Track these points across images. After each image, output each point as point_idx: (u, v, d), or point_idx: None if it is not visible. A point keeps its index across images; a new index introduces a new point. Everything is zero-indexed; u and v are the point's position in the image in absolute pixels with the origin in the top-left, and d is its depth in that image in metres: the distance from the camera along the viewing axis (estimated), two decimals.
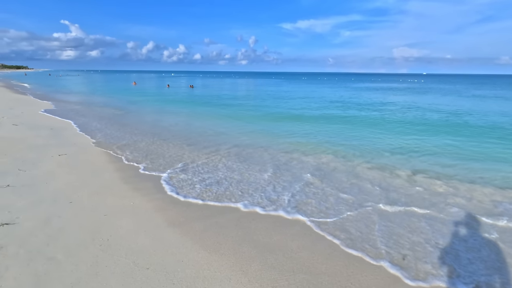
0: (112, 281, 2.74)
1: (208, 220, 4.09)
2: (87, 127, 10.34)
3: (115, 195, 4.69)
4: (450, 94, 32.58)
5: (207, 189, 5.14)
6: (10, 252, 3.02)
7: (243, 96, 26.45)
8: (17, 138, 7.92)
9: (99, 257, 3.09)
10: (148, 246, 3.37)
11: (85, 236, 3.47)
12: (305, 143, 8.98)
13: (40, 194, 4.49)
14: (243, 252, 3.38)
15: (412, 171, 6.36)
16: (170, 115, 14.62)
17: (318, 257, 3.36)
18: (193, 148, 8.00)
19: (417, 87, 48.98)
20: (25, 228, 3.50)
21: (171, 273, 2.93)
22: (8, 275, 2.68)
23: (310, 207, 4.57)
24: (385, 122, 13.35)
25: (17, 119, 11.05)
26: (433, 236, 3.84)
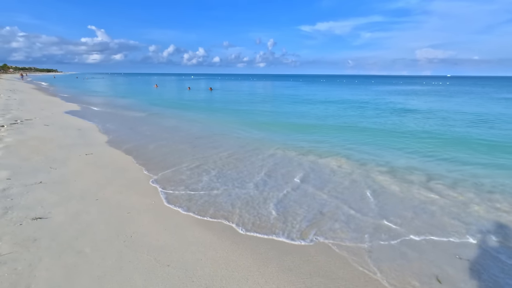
0: (135, 276, 2.86)
1: (227, 218, 4.17)
2: (112, 128, 10.79)
3: (137, 193, 4.88)
4: (479, 97, 31.04)
5: (225, 191, 5.22)
6: (43, 245, 3.23)
7: (260, 101, 26.51)
8: (48, 137, 8.40)
9: (123, 253, 3.24)
10: (169, 243, 3.48)
11: (111, 232, 3.64)
12: (326, 153, 8.90)
13: (69, 191, 4.76)
14: (260, 253, 3.42)
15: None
16: (191, 119, 14.93)
17: (335, 262, 3.34)
18: (215, 151, 8.15)
19: (442, 90, 47.13)
20: (56, 223, 3.73)
21: (191, 271, 3.02)
22: (41, 266, 2.88)
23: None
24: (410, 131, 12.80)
25: (48, 119, 11.70)
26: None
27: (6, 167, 5.52)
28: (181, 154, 7.57)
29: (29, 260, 2.95)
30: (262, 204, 4.74)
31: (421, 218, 4.42)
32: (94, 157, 6.81)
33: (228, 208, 4.54)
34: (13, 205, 4.07)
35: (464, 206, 4.84)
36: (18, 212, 3.88)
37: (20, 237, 3.32)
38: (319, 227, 4.11)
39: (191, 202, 4.70)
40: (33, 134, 8.64)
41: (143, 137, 9.62)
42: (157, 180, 5.59)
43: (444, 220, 4.36)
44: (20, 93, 24.96)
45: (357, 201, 5.00)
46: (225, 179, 5.82)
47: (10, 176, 5.12)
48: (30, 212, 3.92)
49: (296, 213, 4.49)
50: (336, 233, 3.97)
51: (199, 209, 4.45)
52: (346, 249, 3.60)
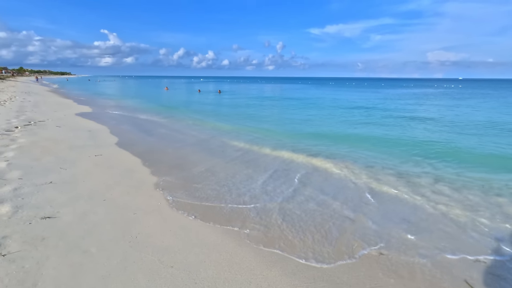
0: (139, 276, 2.89)
1: (230, 223, 4.18)
2: (122, 130, 10.97)
3: (143, 195, 4.94)
4: (494, 100, 30.26)
5: (231, 196, 5.23)
6: (50, 243, 3.29)
7: (268, 105, 26.54)
8: (59, 138, 8.60)
9: (128, 253, 3.27)
10: (173, 245, 3.50)
11: (116, 232, 3.69)
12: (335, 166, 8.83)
13: (78, 191, 4.85)
14: (263, 257, 3.40)
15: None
16: (201, 123, 15.05)
17: (340, 268, 3.29)
18: (219, 156, 8.18)
19: (454, 93, 46.19)
20: (64, 222, 3.80)
21: (194, 272, 3.03)
22: (49, 265, 2.93)
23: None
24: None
25: (60, 121, 11.99)
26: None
27: (18, 167, 5.67)
28: (189, 158, 7.63)
29: (37, 258, 3.01)
30: (267, 209, 4.73)
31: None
32: (103, 158, 6.93)
33: (233, 212, 4.55)
34: (23, 204, 4.18)
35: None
36: (28, 211, 3.98)
37: (29, 236, 3.40)
38: (324, 232, 4.07)
39: (196, 205, 4.72)
40: (45, 135, 8.86)
41: (153, 139, 9.75)
42: (164, 182, 5.64)
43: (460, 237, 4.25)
44: (35, 95, 25.68)
45: (360, 207, 4.94)
46: (231, 184, 5.83)
47: (22, 176, 5.25)
48: (40, 211, 4.01)
49: (301, 218, 4.46)
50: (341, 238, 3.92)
51: (204, 212, 4.47)
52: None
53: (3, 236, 3.33)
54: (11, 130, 9.13)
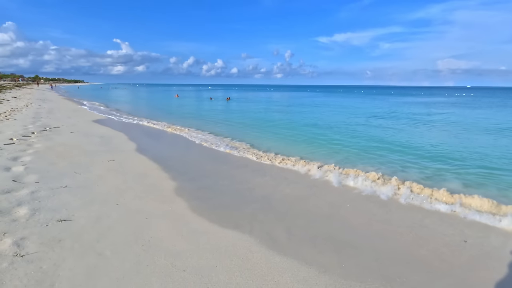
0: (153, 280, 2.92)
1: (241, 227, 4.19)
2: (134, 136, 11.16)
3: (156, 200, 5.00)
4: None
5: (243, 203, 5.25)
6: (66, 246, 3.37)
7: (277, 117, 26.64)
8: (73, 144, 8.82)
9: (141, 257, 3.31)
10: (185, 249, 3.53)
11: (129, 236, 3.75)
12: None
13: (92, 195, 4.95)
14: (275, 263, 3.40)
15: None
16: (211, 129, 15.21)
17: (351, 276, 3.26)
18: (238, 167, 8.24)
19: (467, 102, 45.44)
20: (79, 225, 3.88)
21: (206, 277, 3.04)
22: (65, 266, 3.00)
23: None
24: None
25: (74, 127, 12.30)
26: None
27: (35, 171, 5.83)
28: (201, 166, 7.71)
29: (53, 259, 3.08)
30: (278, 218, 4.73)
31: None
32: (115, 163, 7.07)
33: (245, 219, 4.56)
34: (40, 207, 4.29)
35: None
36: (45, 214, 4.08)
37: (46, 238, 3.48)
38: (331, 238, 4.04)
39: (208, 210, 4.76)
40: (60, 141, 9.10)
41: (163, 146, 9.91)
42: (175, 188, 5.72)
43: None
44: (49, 102, 26.46)
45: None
46: (243, 192, 5.86)
47: (38, 179, 5.40)
48: (56, 214, 4.11)
49: (311, 226, 4.44)
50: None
51: (216, 218, 4.49)
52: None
53: (21, 237, 3.42)
54: (28, 135, 9.42)
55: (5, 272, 2.80)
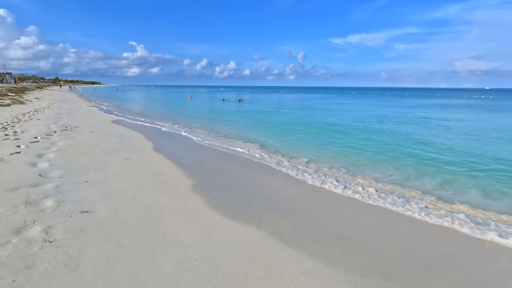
0: (166, 266, 3.17)
1: (249, 223, 4.40)
2: (149, 136, 11.59)
3: (169, 195, 5.28)
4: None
5: (253, 200, 5.46)
6: (89, 234, 3.67)
7: (288, 118, 26.75)
8: (92, 143, 9.28)
9: (156, 246, 3.57)
10: (196, 241, 3.77)
11: (145, 228, 4.02)
12: None
13: (110, 190, 5.28)
14: (280, 256, 3.58)
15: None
16: (223, 130, 15.50)
17: (354, 269, 3.41)
18: (236, 164, 8.46)
19: (486, 104, 44.06)
20: (99, 216, 4.19)
21: (215, 266, 3.27)
22: (88, 252, 3.29)
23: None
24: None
25: (92, 127, 12.87)
26: None
27: (59, 167, 6.24)
28: (210, 164, 7.98)
29: (78, 246, 3.39)
30: (285, 215, 4.91)
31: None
32: (132, 161, 7.43)
33: (253, 216, 4.76)
34: (64, 199, 4.64)
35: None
36: (69, 206, 4.42)
37: (70, 227, 3.80)
38: (336, 236, 4.19)
39: (219, 207, 4.99)
40: (80, 140, 9.59)
41: (176, 146, 10.26)
42: (188, 185, 5.99)
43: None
44: (69, 103, 27.57)
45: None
46: (252, 191, 6.07)
47: (62, 175, 5.79)
48: (78, 206, 4.44)
49: (321, 223, 4.60)
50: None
51: (226, 214, 4.72)
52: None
53: (49, 225, 3.76)
54: (50, 134, 9.98)
55: (36, 255, 3.12)
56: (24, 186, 4.97)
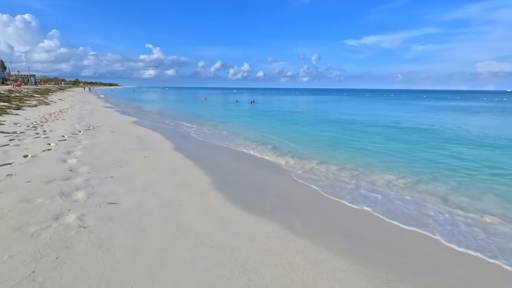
0: (185, 252, 3.53)
1: (261, 217, 4.71)
2: (167, 136, 12.12)
3: (187, 191, 5.67)
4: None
5: (265, 196, 5.77)
6: (117, 222, 4.09)
7: (299, 119, 26.88)
8: (114, 142, 9.86)
9: (176, 235, 3.94)
10: (212, 231, 4.12)
11: (166, 218, 4.40)
12: None
13: (133, 185, 5.72)
14: (290, 247, 3.87)
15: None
16: (237, 130, 15.89)
17: (358, 260, 3.65)
18: (249, 163, 8.78)
19: (507, 107, 42.55)
20: (125, 208, 4.62)
21: (229, 253, 3.60)
22: (117, 237, 3.70)
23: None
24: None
25: (113, 127, 13.54)
26: None
27: (86, 164, 6.77)
28: (225, 163, 8.35)
29: (108, 231, 3.80)
30: (295, 212, 5.20)
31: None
32: (151, 159, 7.90)
33: (264, 211, 5.08)
34: (93, 192, 5.11)
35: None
36: (98, 198, 4.88)
37: (100, 215, 4.24)
38: (343, 231, 4.44)
39: (233, 202, 5.33)
40: (102, 139, 10.20)
41: (192, 146, 10.71)
42: (204, 182, 6.37)
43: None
44: (90, 104, 28.79)
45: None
46: (264, 189, 6.38)
47: (89, 170, 6.30)
48: (106, 198, 4.89)
49: (329, 220, 4.85)
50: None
51: (239, 209, 5.05)
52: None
53: (82, 214, 4.21)
54: (76, 133, 10.66)
55: (73, 238, 3.55)
56: (58, 179, 5.48)
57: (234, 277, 3.14)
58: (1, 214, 3.94)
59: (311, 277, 3.27)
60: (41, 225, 3.75)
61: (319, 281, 3.20)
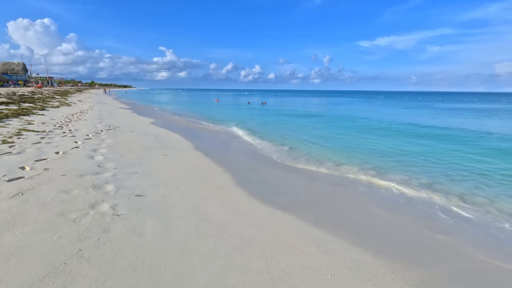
0: (208, 239, 3.89)
1: (276, 211, 5.04)
2: (184, 136, 12.62)
3: (206, 186, 6.05)
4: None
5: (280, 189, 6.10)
6: (145, 212, 4.51)
7: (311, 122, 27.05)
8: (134, 141, 10.40)
9: (198, 224, 4.32)
10: (231, 222, 4.47)
11: (188, 210, 4.79)
12: None
13: (156, 180, 6.15)
14: (303, 238, 4.18)
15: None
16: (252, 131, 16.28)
17: (367, 250, 3.93)
18: (264, 162, 9.13)
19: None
20: (151, 200, 5.04)
21: (247, 241, 3.94)
22: (147, 224, 4.11)
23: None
24: None
25: (132, 127, 14.16)
26: None
27: (111, 160, 7.28)
28: (241, 161, 8.72)
29: (138, 219, 4.22)
30: (308, 207, 5.50)
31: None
32: (170, 157, 8.35)
33: (279, 205, 5.40)
34: (121, 185, 5.57)
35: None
36: (126, 190, 5.32)
37: (130, 206, 4.67)
38: (355, 226, 4.71)
39: (249, 197, 5.68)
40: (123, 138, 10.77)
41: (208, 144, 11.15)
42: (222, 178, 6.75)
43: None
44: (107, 105, 29.84)
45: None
46: (278, 186, 6.71)
47: (115, 166, 6.79)
48: (133, 191, 5.33)
49: (342, 215, 5.14)
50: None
51: (256, 203, 5.40)
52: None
53: (114, 204, 4.65)
54: (98, 133, 11.29)
55: (109, 224, 3.98)
56: (89, 174, 5.98)
57: (253, 260, 3.48)
58: (45, 202, 4.43)
59: (323, 264, 3.57)
60: (80, 212, 4.21)
61: (330, 267, 3.50)
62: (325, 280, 3.24)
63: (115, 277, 2.92)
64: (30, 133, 9.45)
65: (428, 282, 3.42)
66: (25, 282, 2.70)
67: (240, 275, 3.19)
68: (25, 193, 4.69)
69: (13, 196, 4.52)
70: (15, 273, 2.81)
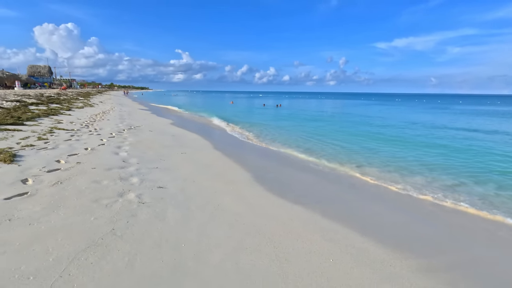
0: (224, 225, 4.34)
1: (285, 204, 5.42)
2: (201, 135, 13.21)
3: (220, 182, 6.51)
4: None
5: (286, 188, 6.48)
6: (167, 201, 5.01)
7: (322, 124, 27.13)
8: (154, 139, 11.05)
9: (214, 213, 4.77)
10: (244, 212, 4.90)
11: (205, 201, 5.25)
12: None
13: (175, 175, 6.67)
14: (309, 228, 4.54)
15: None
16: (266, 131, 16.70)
17: (369, 239, 4.25)
18: (276, 160, 9.51)
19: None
20: (171, 191, 5.54)
21: (258, 228, 4.35)
22: (169, 211, 4.60)
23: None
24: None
25: (151, 127, 14.91)
26: None
27: (134, 156, 7.89)
28: (252, 159, 9.15)
29: (161, 207, 4.72)
30: (316, 202, 5.84)
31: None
32: (187, 155, 8.90)
33: (289, 199, 5.78)
34: (144, 178, 6.12)
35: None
36: (149, 183, 5.87)
37: (153, 196, 5.19)
38: (359, 219, 5.02)
39: (261, 191, 6.10)
40: (144, 137, 11.45)
41: (224, 143, 11.66)
42: (235, 174, 7.20)
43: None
44: (127, 106, 31.10)
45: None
46: (289, 183, 7.08)
47: (138, 162, 7.38)
48: (155, 183, 5.87)
49: (349, 212, 5.45)
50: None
51: (267, 196, 5.81)
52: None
53: (139, 194, 5.18)
54: (121, 132, 12.05)
55: (136, 210, 4.50)
56: (115, 168, 6.58)
57: (263, 244, 3.89)
58: (81, 190, 5.03)
59: (326, 250, 3.93)
60: (111, 199, 4.77)
61: (333, 253, 3.86)
62: (327, 263, 3.60)
63: (144, 251, 3.41)
64: (61, 131, 10.29)
65: (425, 269, 3.70)
66: (72, 251, 3.23)
67: (250, 255, 3.61)
68: (63, 182, 5.32)
69: (54, 184, 5.15)
70: (63, 244, 3.35)
